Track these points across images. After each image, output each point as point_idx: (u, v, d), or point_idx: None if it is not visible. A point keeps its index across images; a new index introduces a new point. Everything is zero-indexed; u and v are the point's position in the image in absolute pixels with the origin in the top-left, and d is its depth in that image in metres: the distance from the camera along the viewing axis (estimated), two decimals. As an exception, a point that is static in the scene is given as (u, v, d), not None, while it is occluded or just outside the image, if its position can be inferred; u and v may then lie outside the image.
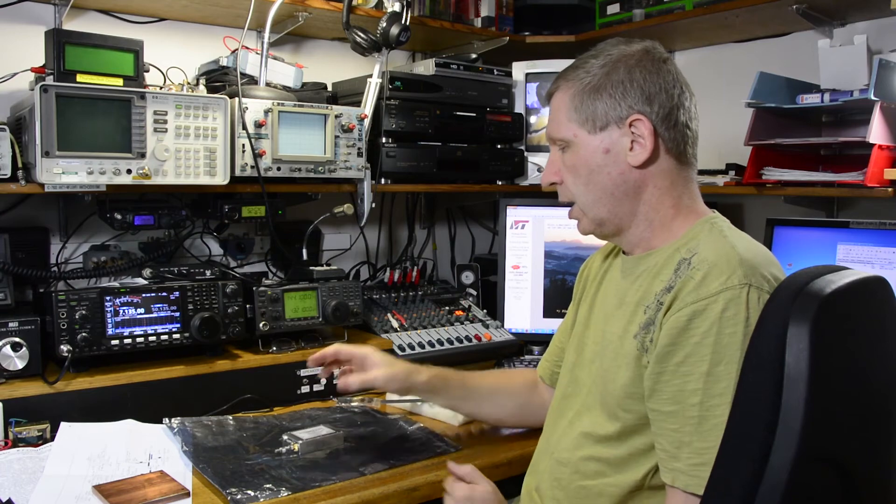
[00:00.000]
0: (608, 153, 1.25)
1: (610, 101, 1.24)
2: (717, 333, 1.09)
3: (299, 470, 1.45)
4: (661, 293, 1.19)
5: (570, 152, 1.28)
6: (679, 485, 1.11)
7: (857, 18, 2.15)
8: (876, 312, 1.11)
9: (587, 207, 1.29)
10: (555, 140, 1.32)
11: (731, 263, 1.13)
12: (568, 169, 1.29)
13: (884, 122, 1.84)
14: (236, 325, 1.82)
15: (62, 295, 1.61)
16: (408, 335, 2.14)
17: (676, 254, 1.22)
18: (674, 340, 1.13)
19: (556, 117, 1.30)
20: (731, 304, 1.09)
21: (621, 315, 1.28)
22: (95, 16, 2.06)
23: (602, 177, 1.26)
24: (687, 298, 1.13)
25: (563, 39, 2.57)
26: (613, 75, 1.25)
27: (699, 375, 1.10)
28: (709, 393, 1.09)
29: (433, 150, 2.26)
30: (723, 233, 1.22)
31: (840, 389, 1.00)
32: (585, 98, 1.26)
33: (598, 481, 1.24)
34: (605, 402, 1.26)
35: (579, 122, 1.26)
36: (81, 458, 1.45)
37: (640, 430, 1.20)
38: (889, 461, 1.12)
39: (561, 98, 1.29)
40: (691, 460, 1.10)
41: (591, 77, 1.26)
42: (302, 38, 2.42)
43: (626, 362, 1.22)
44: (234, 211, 1.93)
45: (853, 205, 2.18)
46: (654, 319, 1.18)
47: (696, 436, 1.10)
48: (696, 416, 1.10)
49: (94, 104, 1.62)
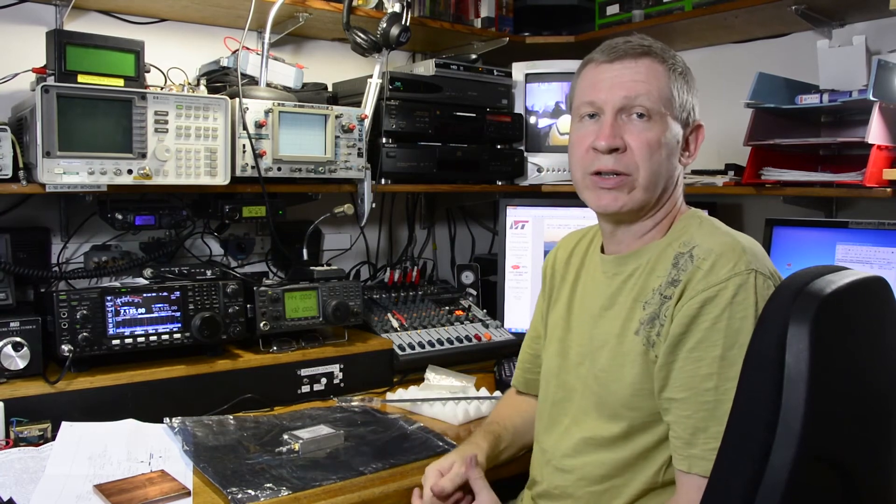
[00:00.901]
0: (678, 144, 1.27)
1: (693, 100, 1.28)
2: (729, 318, 1.11)
3: (300, 469, 1.45)
4: (664, 287, 1.20)
5: (654, 126, 1.23)
6: (697, 470, 1.11)
7: (856, 19, 2.16)
8: (875, 312, 1.12)
9: (647, 184, 1.24)
10: (640, 107, 1.23)
11: (735, 251, 1.16)
12: (643, 141, 1.22)
13: (883, 122, 1.84)
14: (237, 324, 1.82)
15: (63, 295, 1.62)
16: (408, 335, 2.14)
17: (669, 249, 1.24)
18: (685, 328, 1.14)
19: (650, 87, 1.23)
20: (741, 290, 1.12)
21: (614, 315, 1.27)
22: (96, 16, 2.06)
23: (670, 162, 1.26)
24: (697, 287, 1.15)
25: (563, 40, 2.57)
26: (689, 77, 1.29)
27: (712, 360, 1.12)
28: (723, 377, 1.10)
29: (433, 151, 2.27)
30: (715, 225, 1.26)
31: (840, 389, 1.01)
32: (681, 84, 1.26)
33: (607, 484, 1.24)
34: (603, 404, 1.26)
35: (671, 102, 1.25)
36: (82, 458, 1.45)
37: (649, 428, 1.21)
38: (889, 461, 1.13)
39: (658, 69, 1.25)
40: (708, 445, 1.10)
41: (680, 67, 1.27)
42: (302, 39, 2.43)
43: (630, 360, 1.22)
44: (234, 211, 1.93)
45: (852, 205, 2.19)
46: (659, 313, 1.19)
47: (712, 420, 1.10)
48: (712, 400, 1.11)
49: (95, 104, 1.62)
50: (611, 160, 1.24)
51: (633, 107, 1.23)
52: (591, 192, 1.28)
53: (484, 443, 1.46)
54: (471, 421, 1.77)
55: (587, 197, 1.30)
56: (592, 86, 1.27)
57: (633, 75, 1.24)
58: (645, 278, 1.25)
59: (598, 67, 1.28)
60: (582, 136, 1.28)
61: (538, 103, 2.51)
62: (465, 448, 1.44)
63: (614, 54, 1.26)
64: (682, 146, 1.28)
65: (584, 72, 1.31)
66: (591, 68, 1.29)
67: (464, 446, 1.46)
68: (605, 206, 1.27)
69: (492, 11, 2.50)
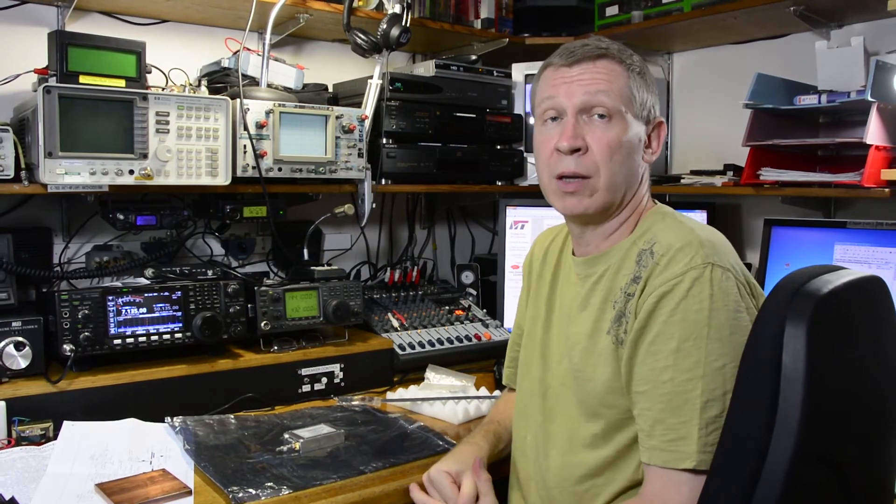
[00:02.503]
0: (640, 142, 1.28)
1: (652, 98, 1.29)
2: (684, 311, 1.12)
3: (300, 468, 1.46)
4: (628, 285, 1.21)
5: (615, 126, 1.24)
6: (656, 462, 1.13)
7: (854, 20, 2.16)
8: (873, 312, 1.12)
9: (609, 185, 1.24)
10: (601, 107, 1.24)
11: (692, 245, 1.17)
12: (603, 142, 1.23)
13: (881, 122, 1.85)
14: (238, 324, 1.82)
15: (65, 295, 1.62)
16: (408, 334, 2.15)
17: (634, 247, 1.25)
18: (644, 323, 1.16)
19: (610, 87, 1.24)
20: (696, 283, 1.13)
21: (587, 317, 1.29)
22: (98, 17, 2.07)
23: (632, 162, 1.27)
24: (654, 282, 1.16)
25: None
26: (648, 76, 1.30)
27: (668, 353, 1.13)
28: (678, 368, 1.11)
29: (433, 151, 2.27)
30: (677, 219, 1.27)
31: (837, 388, 1.01)
32: (640, 82, 1.27)
33: (589, 483, 1.25)
34: (582, 402, 1.27)
35: (632, 101, 1.26)
36: (84, 457, 1.46)
37: (625, 426, 1.22)
38: (885, 459, 1.14)
39: (616, 69, 1.26)
40: (665, 436, 1.11)
41: (638, 66, 1.29)
42: (303, 40, 2.43)
43: (602, 359, 1.24)
44: (235, 211, 1.94)
45: (850, 205, 2.19)
46: (625, 311, 1.20)
47: (667, 412, 1.12)
48: (668, 392, 1.12)
49: (96, 105, 1.63)
50: (572, 162, 1.24)
51: (594, 107, 1.24)
52: (556, 196, 1.29)
53: (484, 442, 1.46)
54: (471, 420, 1.77)
55: (553, 201, 1.31)
56: (553, 88, 1.28)
57: (592, 76, 1.25)
58: (612, 278, 1.26)
59: (557, 71, 1.28)
60: (546, 139, 1.29)
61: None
62: (464, 448, 1.45)
63: (572, 58, 1.27)
64: (645, 143, 1.30)
65: (543, 75, 1.32)
66: (550, 71, 1.30)
67: (463, 446, 1.46)
68: (570, 209, 1.28)
69: (491, 12, 2.51)
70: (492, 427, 1.53)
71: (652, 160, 1.32)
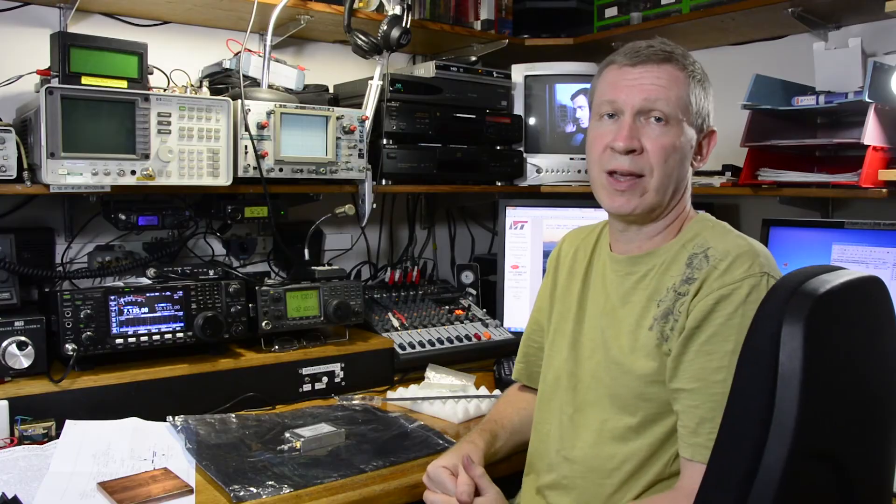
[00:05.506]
0: (690, 149, 1.31)
1: (709, 107, 1.32)
2: (742, 315, 1.16)
3: (301, 467, 1.47)
4: (679, 285, 1.24)
5: (670, 130, 1.27)
6: (699, 458, 1.15)
7: (851, 21, 2.17)
8: (870, 312, 1.13)
9: (659, 187, 1.28)
10: (659, 112, 1.26)
11: (750, 255, 1.21)
12: (658, 145, 1.26)
13: (878, 123, 1.85)
14: (239, 324, 1.83)
15: (67, 294, 1.63)
16: (408, 334, 2.16)
17: (683, 251, 1.28)
18: (699, 323, 1.19)
19: (669, 93, 1.26)
20: (755, 290, 1.17)
21: (629, 312, 1.31)
22: (100, 19, 2.08)
23: (683, 167, 1.30)
24: (713, 285, 1.20)
25: (562, 42, 2.59)
26: (707, 83, 1.32)
27: (723, 354, 1.17)
28: (732, 371, 1.12)
29: (433, 152, 2.28)
30: (727, 228, 1.31)
31: (834, 387, 1.02)
32: (699, 90, 1.30)
33: (619, 476, 1.27)
34: (616, 395, 1.29)
35: (689, 109, 1.28)
36: (86, 456, 1.47)
37: (661, 419, 1.24)
38: (883, 457, 1.14)
39: (678, 75, 1.28)
40: (712, 435, 1.12)
41: (699, 74, 1.31)
42: (304, 41, 2.44)
43: (644, 353, 1.26)
44: (236, 211, 1.94)
45: (848, 205, 2.20)
46: (673, 309, 1.23)
47: (718, 412, 1.12)
48: (720, 392, 1.14)
49: (98, 106, 1.64)
50: (626, 161, 1.28)
51: (652, 110, 1.27)
52: (605, 191, 1.32)
53: (480, 441, 1.48)
54: (471, 419, 1.78)
55: (601, 196, 1.33)
56: (613, 86, 1.30)
57: (653, 80, 1.27)
58: (659, 278, 1.29)
59: (620, 69, 1.31)
60: (600, 135, 1.31)
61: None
62: (462, 446, 1.46)
63: (637, 58, 1.29)
64: (695, 151, 1.32)
65: (605, 72, 1.34)
66: (612, 69, 1.32)
67: (461, 444, 1.47)
68: (617, 208, 1.30)
69: (491, 14, 2.52)
70: (489, 426, 1.54)
71: (699, 167, 1.35)
